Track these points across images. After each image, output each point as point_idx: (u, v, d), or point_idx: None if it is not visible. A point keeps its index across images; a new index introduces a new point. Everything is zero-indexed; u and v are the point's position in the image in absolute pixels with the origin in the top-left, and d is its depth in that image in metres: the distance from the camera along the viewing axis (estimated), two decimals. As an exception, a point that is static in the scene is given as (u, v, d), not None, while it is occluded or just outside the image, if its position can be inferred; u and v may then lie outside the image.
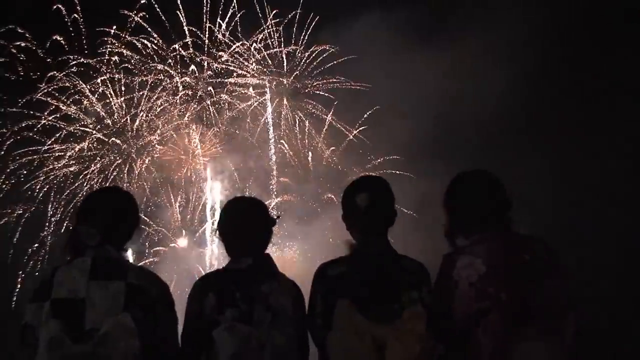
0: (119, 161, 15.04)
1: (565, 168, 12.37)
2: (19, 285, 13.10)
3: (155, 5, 14.67)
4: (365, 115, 15.35)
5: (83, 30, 14.42)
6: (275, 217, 2.54)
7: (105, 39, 14.77)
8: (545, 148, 12.93)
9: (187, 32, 15.16)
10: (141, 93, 15.03)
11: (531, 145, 12.99)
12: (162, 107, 15.15)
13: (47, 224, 13.76)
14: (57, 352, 2.05)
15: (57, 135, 14.62)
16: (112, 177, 14.77)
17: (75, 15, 14.33)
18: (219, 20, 15.41)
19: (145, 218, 14.43)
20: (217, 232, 2.50)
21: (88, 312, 2.12)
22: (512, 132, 13.21)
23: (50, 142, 14.51)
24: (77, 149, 14.76)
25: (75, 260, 2.24)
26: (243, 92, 15.64)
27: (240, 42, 15.45)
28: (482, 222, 2.34)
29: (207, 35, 15.27)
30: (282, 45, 15.78)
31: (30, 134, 14.26)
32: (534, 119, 13.23)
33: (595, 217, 11.31)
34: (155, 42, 15.05)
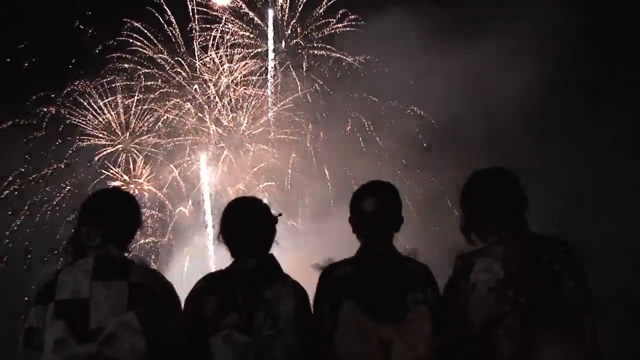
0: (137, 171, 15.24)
1: (582, 169, 12.22)
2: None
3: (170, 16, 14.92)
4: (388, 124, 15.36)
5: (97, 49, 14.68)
6: (276, 216, 2.53)
7: (114, 55, 15.00)
8: (560, 149, 12.80)
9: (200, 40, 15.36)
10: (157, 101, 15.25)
11: (546, 146, 12.89)
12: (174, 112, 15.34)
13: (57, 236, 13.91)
14: (63, 353, 2.05)
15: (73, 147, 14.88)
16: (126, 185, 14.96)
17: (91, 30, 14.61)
18: (235, 28, 15.60)
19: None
20: (220, 234, 2.49)
21: (92, 312, 2.12)
22: (529, 133, 13.11)
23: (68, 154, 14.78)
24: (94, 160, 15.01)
25: (77, 261, 2.25)
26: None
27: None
28: (499, 221, 2.31)
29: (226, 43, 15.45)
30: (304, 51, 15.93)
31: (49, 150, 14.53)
32: (551, 119, 13.11)
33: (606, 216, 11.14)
34: (164, 50, 15.27)
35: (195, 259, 14.48)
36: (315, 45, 15.88)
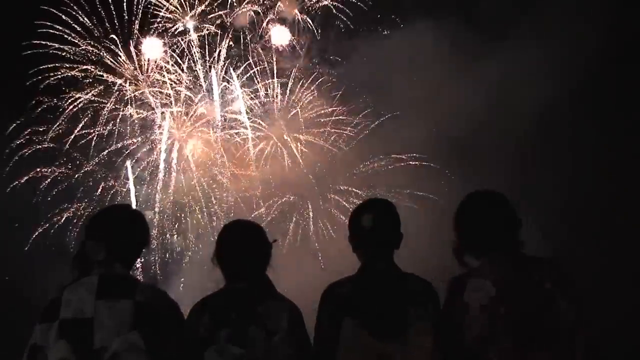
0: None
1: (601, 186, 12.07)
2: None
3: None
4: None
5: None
6: (272, 241, 2.51)
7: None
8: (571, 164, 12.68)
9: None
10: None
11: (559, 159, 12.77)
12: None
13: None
14: None
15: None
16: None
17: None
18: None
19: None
20: (214, 256, 2.47)
21: (96, 331, 2.11)
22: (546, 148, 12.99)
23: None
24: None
25: (82, 279, 2.25)
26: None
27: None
28: (491, 242, 2.36)
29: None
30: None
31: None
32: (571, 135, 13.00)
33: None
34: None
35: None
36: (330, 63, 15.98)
